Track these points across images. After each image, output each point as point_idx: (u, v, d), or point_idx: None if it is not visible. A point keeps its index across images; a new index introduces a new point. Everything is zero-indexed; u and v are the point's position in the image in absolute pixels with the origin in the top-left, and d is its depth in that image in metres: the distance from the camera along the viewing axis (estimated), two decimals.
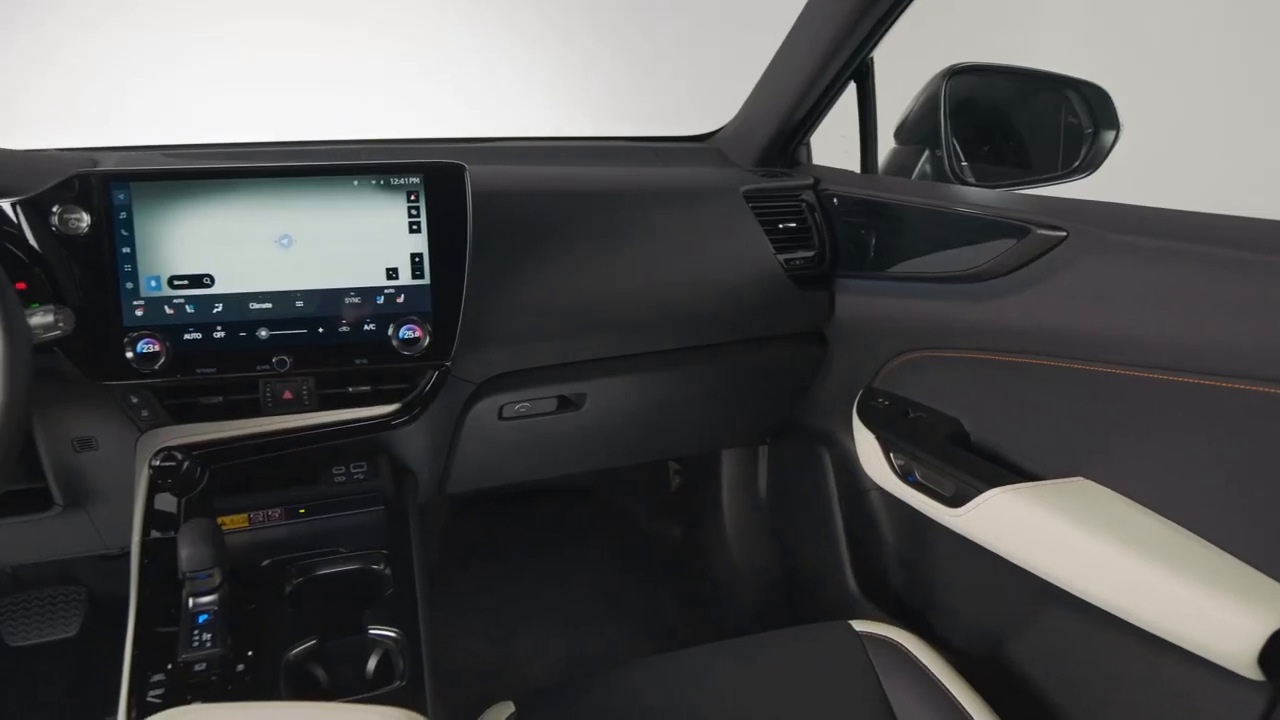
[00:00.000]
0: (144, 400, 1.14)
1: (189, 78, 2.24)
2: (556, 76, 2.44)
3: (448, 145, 1.51)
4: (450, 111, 2.27)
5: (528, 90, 2.38)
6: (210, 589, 0.96)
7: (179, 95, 2.22)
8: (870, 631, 1.18)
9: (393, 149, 1.46)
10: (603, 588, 1.98)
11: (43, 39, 2.18)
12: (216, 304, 1.10)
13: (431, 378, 1.20)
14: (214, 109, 2.21)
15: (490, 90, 2.33)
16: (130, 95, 2.20)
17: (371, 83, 2.32)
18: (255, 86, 2.26)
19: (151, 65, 2.23)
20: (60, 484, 1.19)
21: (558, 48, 2.48)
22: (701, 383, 1.50)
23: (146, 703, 0.89)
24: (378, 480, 1.21)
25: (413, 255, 1.14)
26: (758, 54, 1.51)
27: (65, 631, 1.70)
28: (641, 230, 1.34)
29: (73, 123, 2.08)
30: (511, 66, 2.40)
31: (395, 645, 0.98)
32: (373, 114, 2.27)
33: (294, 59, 2.29)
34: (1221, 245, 0.92)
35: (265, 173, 1.10)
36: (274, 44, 2.29)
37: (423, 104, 2.28)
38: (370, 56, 2.33)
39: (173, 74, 2.24)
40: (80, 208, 1.06)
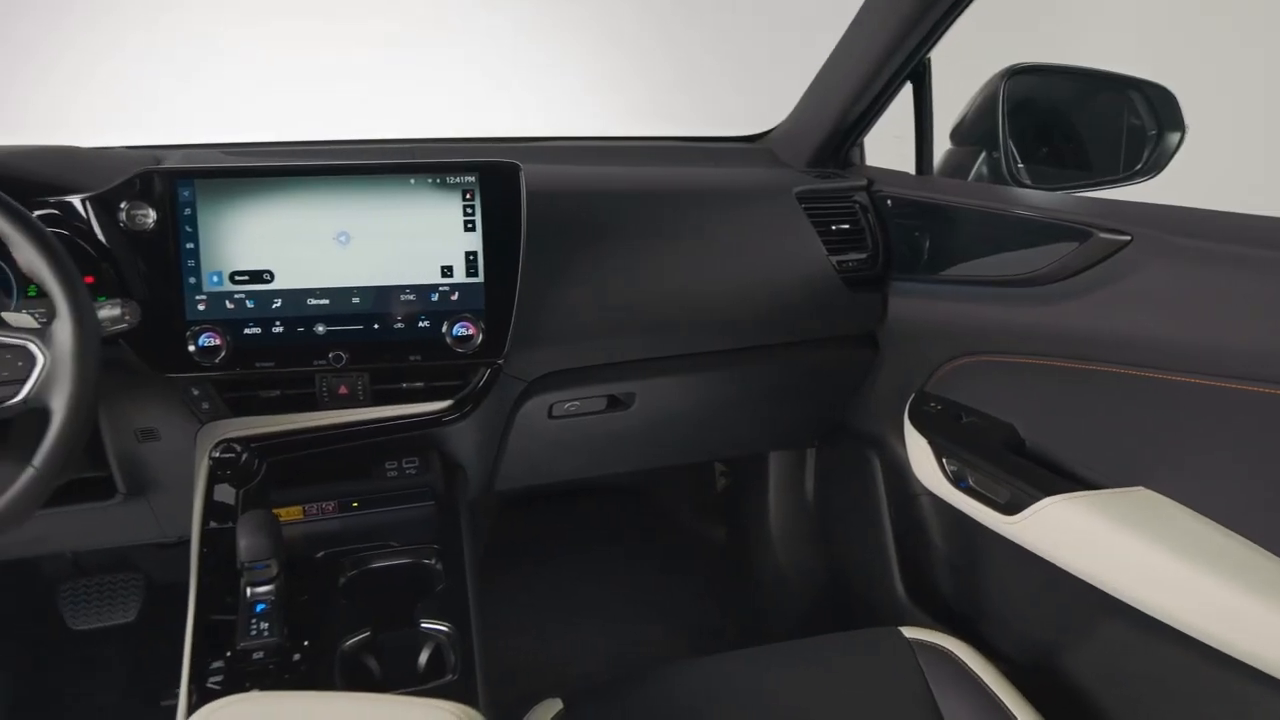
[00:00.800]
0: (205, 393, 1.16)
1: (237, 76, 2.28)
2: (606, 77, 2.45)
3: (500, 145, 1.52)
4: (500, 111, 2.29)
5: (578, 90, 2.39)
6: (268, 579, 0.97)
7: (227, 94, 2.26)
8: (920, 638, 1.16)
9: (446, 148, 1.48)
10: (646, 588, 1.98)
11: (94, 40, 2.24)
12: (276, 299, 1.12)
13: (484, 375, 1.21)
14: (262, 107, 2.25)
15: (540, 90, 2.34)
16: (177, 94, 2.25)
17: (421, 82, 2.34)
18: (304, 85, 2.29)
19: (199, 64, 2.28)
20: (123, 473, 1.22)
21: (608, 48, 2.49)
22: (750, 384, 1.49)
23: (207, 689, 0.91)
24: (429, 476, 1.23)
25: (467, 253, 1.15)
26: (806, 54, 1.50)
27: (124, 617, 1.75)
28: (693, 230, 1.34)
29: (124, 122, 2.14)
30: (561, 67, 2.41)
31: (446, 640, 0.99)
32: (421, 113, 2.30)
33: (343, 58, 2.33)
34: None
35: (325, 171, 1.11)
36: (323, 43, 2.32)
37: (473, 103, 2.30)
38: (419, 55, 2.36)
39: (221, 73, 2.28)
40: (147, 204, 1.09)
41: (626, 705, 1.06)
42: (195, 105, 2.24)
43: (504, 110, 2.28)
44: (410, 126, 1.68)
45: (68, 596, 1.75)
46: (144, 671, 1.73)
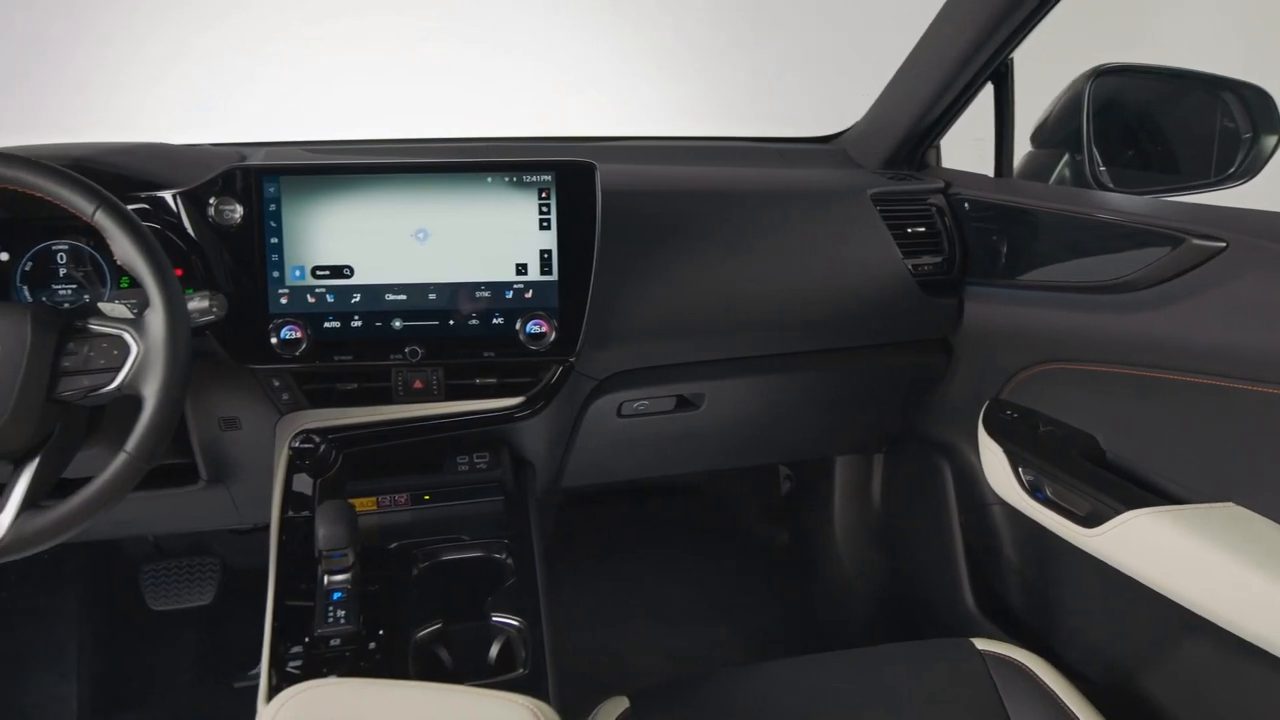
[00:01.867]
0: (285, 384, 1.19)
1: (306, 74, 2.32)
2: (678, 77, 2.45)
3: (575, 144, 1.53)
4: (572, 111, 2.30)
5: (649, 90, 2.40)
6: (344, 568, 0.99)
7: (296, 91, 2.30)
8: (993, 651, 1.14)
9: (521, 147, 1.49)
10: (707, 589, 1.98)
11: (167, 37, 2.30)
12: (355, 294, 1.15)
13: (555, 372, 1.22)
14: (333, 105, 2.28)
15: (613, 90, 2.35)
16: (250, 92, 2.30)
17: (490, 80, 2.37)
18: (373, 83, 2.33)
19: (270, 62, 2.32)
20: (206, 460, 1.26)
21: (678, 48, 2.49)
22: (820, 388, 1.48)
23: (286, 672, 0.93)
24: (499, 471, 1.24)
25: (542, 251, 1.16)
26: (878, 55, 1.49)
27: (201, 599, 1.80)
28: (766, 232, 1.33)
29: (194, 120, 2.20)
30: (633, 67, 2.42)
31: (517, 634, 1.00)
32: (492, 112, 2.32)
33: (414, 56, 2.36)
34: None
35: (406, 168, 1.13)
36: (394, 41, 2.36)
37: (544, 103, 2.32)
38: (490, 55, 2.38)
39: (291, 70, 2.32)
40: (234, 200, 1.12)
41: (693, 707, 1.06)
42: (267, 103, 2.29)
43: (576, 110, 2.29)
44: (482, 126, 1.70)
45: (149, 578, 1.81)
46: (218, 653, 1.78)
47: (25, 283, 1.15)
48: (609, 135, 1.57)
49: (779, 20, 2.61)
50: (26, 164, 0.93)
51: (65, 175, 0.94)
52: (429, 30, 2.37)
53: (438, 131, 1.59)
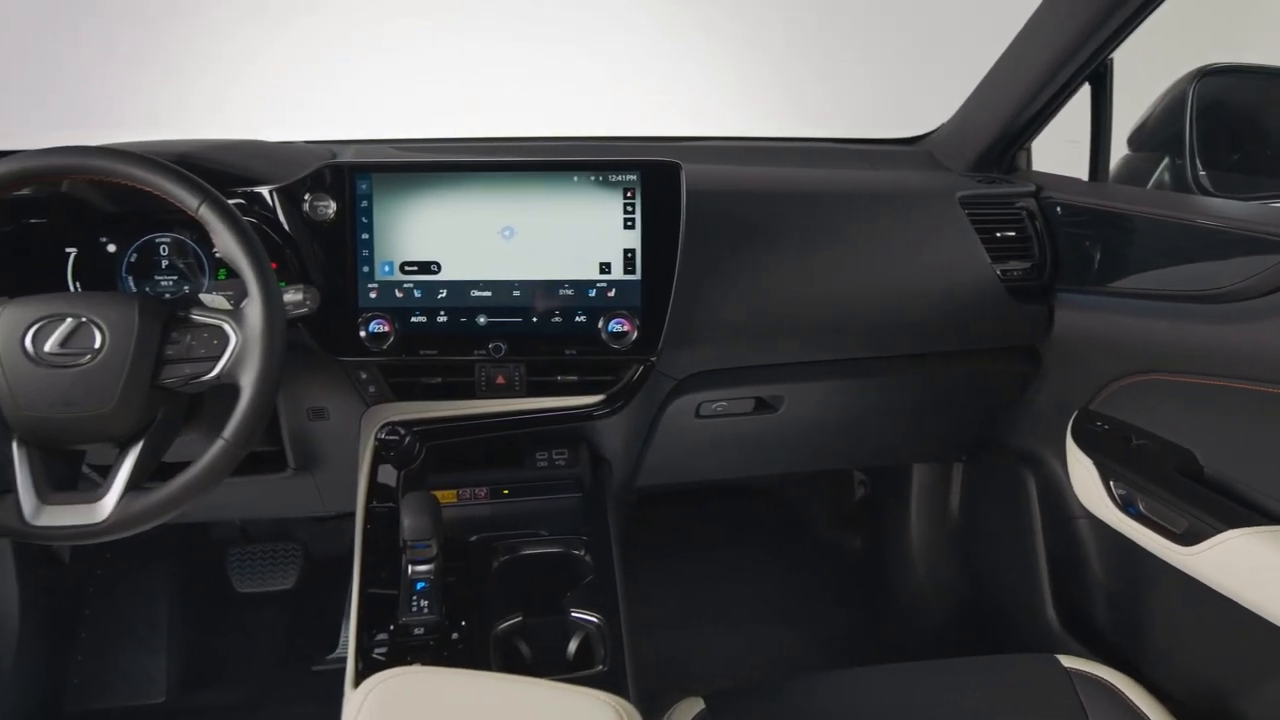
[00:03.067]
0: (372, 377, 1.22)
1: (383, 72, 2.36)
2: (758, 77, 2.43)
3: (659, 144, 1.53)
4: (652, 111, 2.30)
5: (731, 90, 2.39)
6: (428, 558, 1.01)
7: (372, 90, 2.34)
8: (1079, 669, 1.10)
9: (604, 146, 1.50)
10: (777, 592, 1.96)
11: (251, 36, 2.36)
12: (441, 290, 1.17)
13: (636, 371, 1.22)
14: (412, 103, 2.32)
15: (693, 89, 2.34)
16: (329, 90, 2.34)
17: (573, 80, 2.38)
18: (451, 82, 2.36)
19: (351, 60, 2.36)
20: (294, 448, 1.30)
21: (758, 48, 2.47)
22: (901, 393, 1.46)
23: (372, 659, 0.95)
24: (577, 468, 1.25)
25: (625, 251, 1.16)
26: (959, 56, 1.46)
27: (284, 584, 1.86)
28: (851, 234, 1.32)
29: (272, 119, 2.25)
30: (713, 66, 2.41)
31: (596, 630, 1.00)
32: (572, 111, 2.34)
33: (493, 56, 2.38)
34: None
35: (494, 167, 1.15)
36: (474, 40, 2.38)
37: (623, 103, 2.32)
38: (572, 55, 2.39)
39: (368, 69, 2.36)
40: (328, 196, 1.15)
41: (769, 712, 1.05)
42: (344, 101, 2.33)
43: (657, 110, 2.29)
44: (564, 125, 1.71)
45: (235, 561, 1.87)
46: (298, 637, 1.83)
47: (130, 273, 1.20)
48: (692, 135, 1.57)
49: (861, 20, 2.57)
50: (137, 159, 0.97)
51: (173, 171, 0.97)
52: (512, 30, 2.40)
53: (519, 131, 1.61)
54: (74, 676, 1.70)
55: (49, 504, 0.96)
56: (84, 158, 0.97)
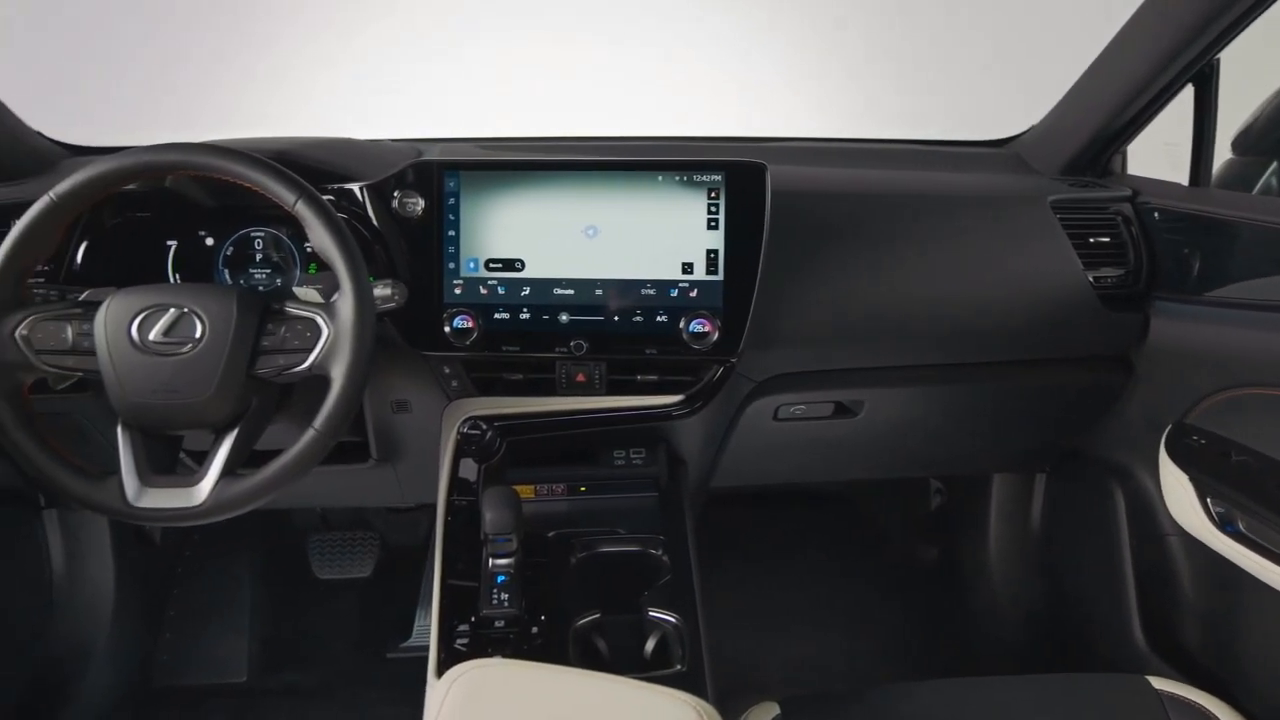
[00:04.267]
0: (455, 371, 1.24)
1: (457, 72, 2.39)
2: (840, 77, 2.40)
3: (741, 144, 1.53)
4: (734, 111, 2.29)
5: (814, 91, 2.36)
6: (509, 552, 1.02)
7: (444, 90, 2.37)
8: (1172, 691, 1.06)
9: (687, 146, 1.50)
10: (848, 599, 1.93)
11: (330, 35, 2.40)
12: (525, 287, 1.18)
13: (716, 373, 1.22)
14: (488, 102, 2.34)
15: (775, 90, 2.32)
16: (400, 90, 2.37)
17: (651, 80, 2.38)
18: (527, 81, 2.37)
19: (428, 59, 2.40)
20: (377, 440, 1.33)
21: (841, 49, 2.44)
22: (985, 401, 1.42)
23: (454, 649, 0.96)
24: (655, 468, 1.25)
25: (708, 251, 1.16)
26: (1044, 59, 1.42)
27: (361, 572, 1.90)
28: (938, 238, 1.29)
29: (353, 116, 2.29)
30: (793, 66, 2.39)
31: (673, 630, 1.00)
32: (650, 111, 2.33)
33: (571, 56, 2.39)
34: None
35: (580, 166, 1.16)
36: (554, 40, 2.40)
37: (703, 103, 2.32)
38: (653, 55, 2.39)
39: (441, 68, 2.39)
40: (417, 193, 1.18)
41: None
42: (420, 101, 2.36)
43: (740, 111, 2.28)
44: (643, 125, 1.71)
45: (316, 547, 1.92)
46: (373, 624, 1.87)
47: (226, 266, 1.24)
48: (775, 136, 1.56)
49: (944, 20, 2.52)
50: (238, 156, 1.00)
51: (271, 167, 1.00)
52: (592, 30, 2.41)
53: (596, 130, 1.62)
54: (162, 654, 1.77)
55: (150, 487, 0.99)
56: (189, 154, 1.01)
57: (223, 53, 2.39)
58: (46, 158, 1.44)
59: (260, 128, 1.30)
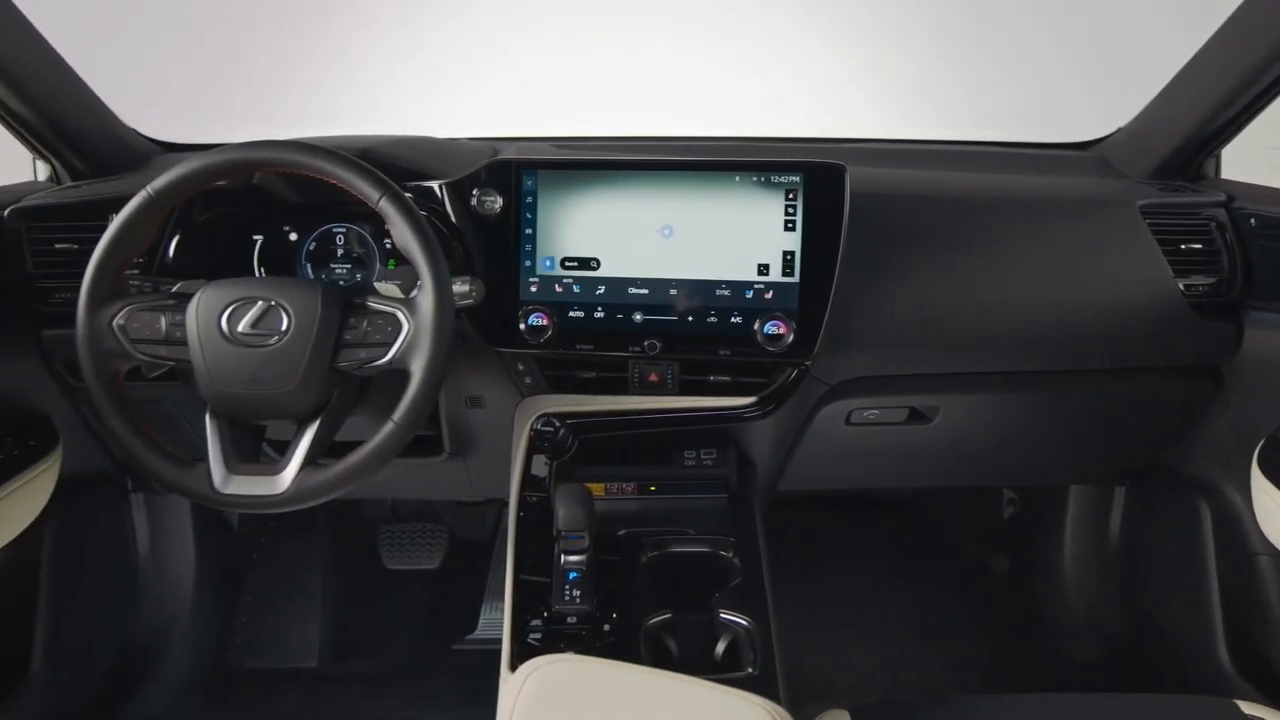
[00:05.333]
0: (529, 368, 1.25)
1: (525, 72, 2.40)
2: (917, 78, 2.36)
3: (817, 145, 1.51)
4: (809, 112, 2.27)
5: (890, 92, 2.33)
6: (581, 549, 1.03)
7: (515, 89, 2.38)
8: (1261, 717, 1.02)
9: (763, 147, 1.49)
10: (916, 607, 1.90)
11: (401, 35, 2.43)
12: (600, 286, 1.19)
13: (790, 375, 1.21)
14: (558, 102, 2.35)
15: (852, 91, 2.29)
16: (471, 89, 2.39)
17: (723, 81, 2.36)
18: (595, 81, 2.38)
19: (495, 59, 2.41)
20: (451, 434, 1.35)
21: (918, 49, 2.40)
22: (1064, 410, 1.39)
23: (527, 644, 0.97)
24: (725, 469, 1.25)
25: (785, 253, 1.15)
26: (1131, 59, 1.37)
27: (429, 563, 1.94)
28: (1020, 243, 1.26)
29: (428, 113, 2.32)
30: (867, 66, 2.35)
31: (744, 633, 1.00)
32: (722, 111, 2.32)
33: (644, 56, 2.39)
34: None
35: (658, 165, 1.16)
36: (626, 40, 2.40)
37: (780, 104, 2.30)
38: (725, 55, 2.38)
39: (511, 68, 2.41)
40: (495, 191, 1.19)
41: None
42: (490, 101, 2.38)
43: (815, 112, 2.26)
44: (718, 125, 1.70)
45: (386, 538, 1.96)
46: (440, 615, 1.90)
47: (309, 260, 1.27)
48: (850, 137, 1.54)
49: (1026, 19, 2.46)
50: (326, 154, 1.02)
51: (357, 164, 1.02)
52: (664, 31, 2.40)
53: (667, 130, 1.61)
54: (237, 636, 1.82)
55: (235, 474, 1.02)
56: (279, 151, 1.03)
57: (293, 51, 2.45)
58: (140, 154, 1.50)
59: (331, 125, 1.32)
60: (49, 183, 1.39)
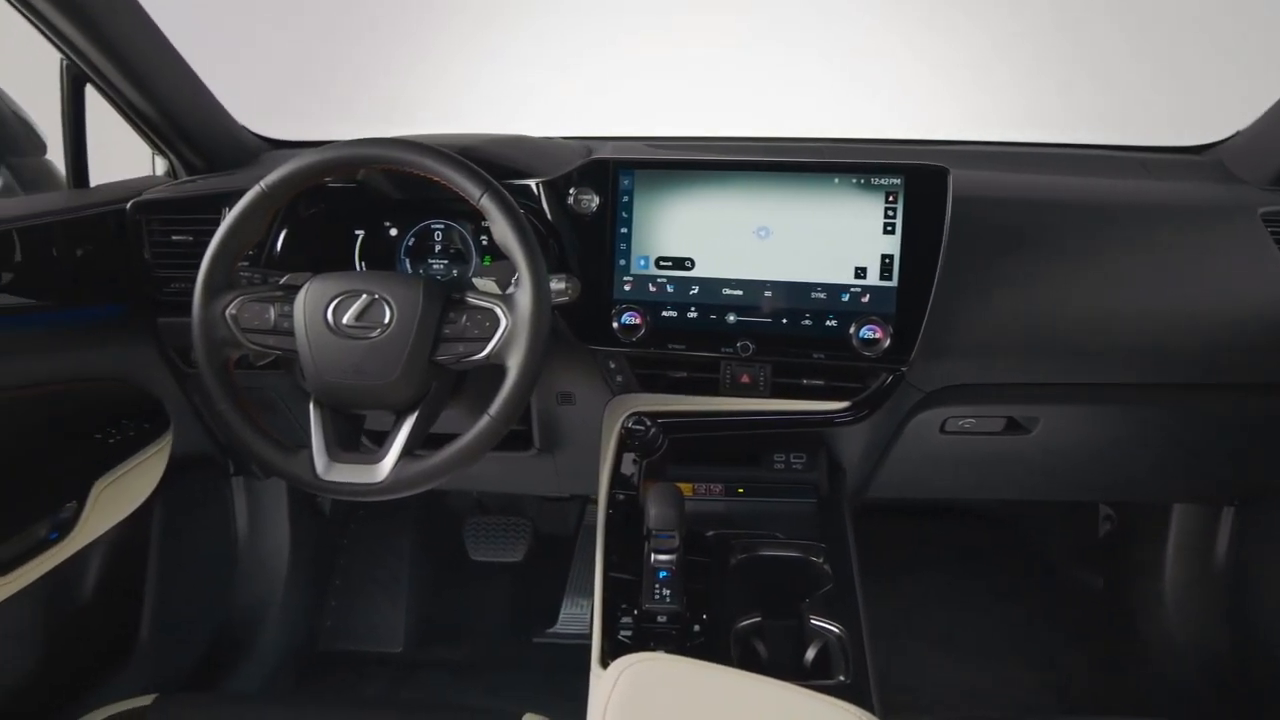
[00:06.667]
0: (620, 367, 1.25)
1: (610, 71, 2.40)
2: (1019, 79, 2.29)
3: (915, 146, 1.48)
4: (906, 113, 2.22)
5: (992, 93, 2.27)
6: (671, 549, 1.03)
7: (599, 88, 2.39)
8: None
9: (860, 149, 1.46)
10: (1005, 624, 1.85)
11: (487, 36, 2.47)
12: (694, 286, 1.19)
13: (884, 380, 1.19)
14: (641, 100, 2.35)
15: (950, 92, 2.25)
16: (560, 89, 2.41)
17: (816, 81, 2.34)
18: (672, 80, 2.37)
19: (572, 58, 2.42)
20: (541, 430, 1.36)
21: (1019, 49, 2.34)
22: (1172, 425, 1.33)
23: (618, 641, 0.98)
24: (814, 473, 1.24)
25: (883, 256, 1.13)
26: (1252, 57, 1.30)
27: (513, 556, 1.96)
28: (1130, 250, 1.21)
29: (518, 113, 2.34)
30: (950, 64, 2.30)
31: (836, 641, 0.98)
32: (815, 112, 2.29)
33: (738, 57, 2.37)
34: None
35: (757, 166, 1.15)
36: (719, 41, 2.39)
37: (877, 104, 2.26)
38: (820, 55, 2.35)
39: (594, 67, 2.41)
40: (592, 190, 1.20)
41: None
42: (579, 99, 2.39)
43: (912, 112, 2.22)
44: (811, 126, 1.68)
45: (471, 530, 2.00)
46: (522, 608, 1.93)
47: (407, 255, 1.30)
48: (949, 139, 1.50)
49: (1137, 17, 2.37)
50: (430, 151, 1.04)
51: (460, 162, 1.04)
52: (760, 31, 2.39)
53: (757, 130, 1.60)
54: (327, 619, 1.88)
55: (336, 462, 1.05)
56: (386, 149, 1.06)
57: (380, 50, 2.51)
58: (250, 150, 1.55)
59: (415, 125, 1.35)
60: (166, 177, 1.46)
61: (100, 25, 1.16)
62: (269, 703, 1.10)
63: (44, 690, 1.34)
